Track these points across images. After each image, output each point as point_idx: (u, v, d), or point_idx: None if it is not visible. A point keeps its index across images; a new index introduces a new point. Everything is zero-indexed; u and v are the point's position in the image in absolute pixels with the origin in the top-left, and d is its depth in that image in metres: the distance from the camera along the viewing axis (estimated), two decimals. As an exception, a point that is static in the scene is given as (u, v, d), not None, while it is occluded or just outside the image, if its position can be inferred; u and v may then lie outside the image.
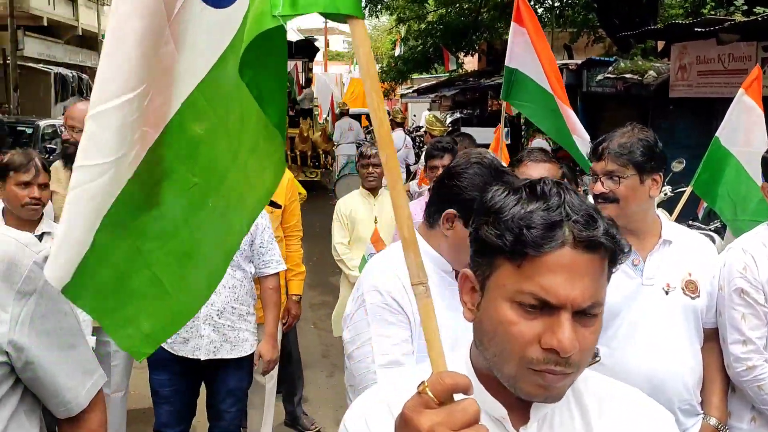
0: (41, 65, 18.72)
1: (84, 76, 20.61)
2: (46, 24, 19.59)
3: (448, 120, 12.44)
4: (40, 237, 2.75)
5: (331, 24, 33.81)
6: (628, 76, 9.44)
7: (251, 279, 3.04)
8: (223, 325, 2.89)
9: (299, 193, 3.84)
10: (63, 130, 3.19)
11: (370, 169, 3.93)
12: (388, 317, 1.69)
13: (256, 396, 3.50)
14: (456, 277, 1.81)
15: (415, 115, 22.94)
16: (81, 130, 3.11)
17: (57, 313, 1.28)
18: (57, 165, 3.27)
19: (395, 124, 9.28)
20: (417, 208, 3.55)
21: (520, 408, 0.98)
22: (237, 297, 2.93)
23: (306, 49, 15.94)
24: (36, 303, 1.23)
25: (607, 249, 0.91)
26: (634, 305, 1.99)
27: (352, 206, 3.96)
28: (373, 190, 3.99)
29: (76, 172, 1.01)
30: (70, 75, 18.74)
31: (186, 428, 3.12)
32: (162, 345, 2.89)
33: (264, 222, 3.04)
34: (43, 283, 1.21)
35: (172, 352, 2.91)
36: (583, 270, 0.89)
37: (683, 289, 1.99)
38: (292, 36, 29.78)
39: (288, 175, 3.57)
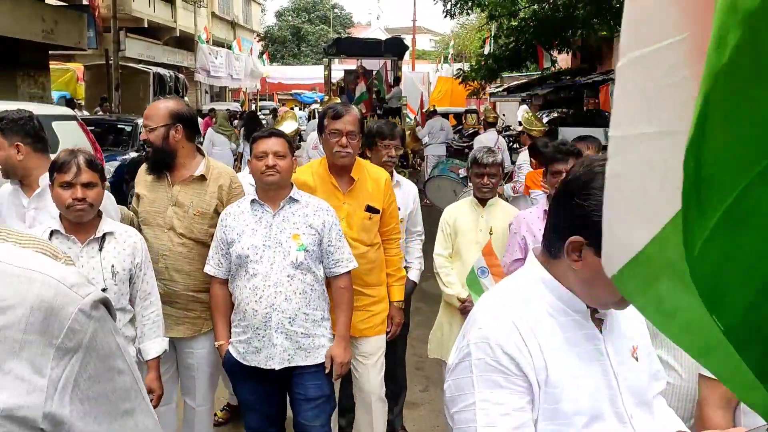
0: (141, 65, 19.51)
1: (180, 75, 21.36)
2: (146, 26, 20.42)
3: (544, 119, 11.90)
4: (102, 238, 2.62)
5: (418, 23, 33.61)
6: None
7: (322, 282, 2.86)
8: (296, 333, 2.73)
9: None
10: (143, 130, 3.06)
11: (485, 179, 3.49)
12: (499, 379, 1.33)
13: (362, 413, 3.29)
14: (592, 317, 1.42)
15: (504, 115, 22.36)
16: (153, 129, 2.88)
17: (109, 372, 0.97)
18: (143, 166, 3.17)
19: (487, 124, 8.84)
20: (534, 218, 3.21)
21: None
22: (309, 302, 2.76)
23: (396, 47, 15.73)
24: (81, 362, 0.93)
25: None
26: None
27: (458, 215, 3.63)
28: (483, 200, 3.62)
29: (612, 143, 0.79)
30: (168, 75, 19.42)
31: (280, 430, 3.03)
32: (234, 356, 2.80)
33: (331, 219, 2.84)
34: (90, 336, 0.93)
35: (244, 363, 2.78)
36: None
37: None
38: (380, 35, 29.79)
39: (385, 175, 3.34)
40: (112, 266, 2.61)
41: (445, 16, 17.24)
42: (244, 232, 2.79)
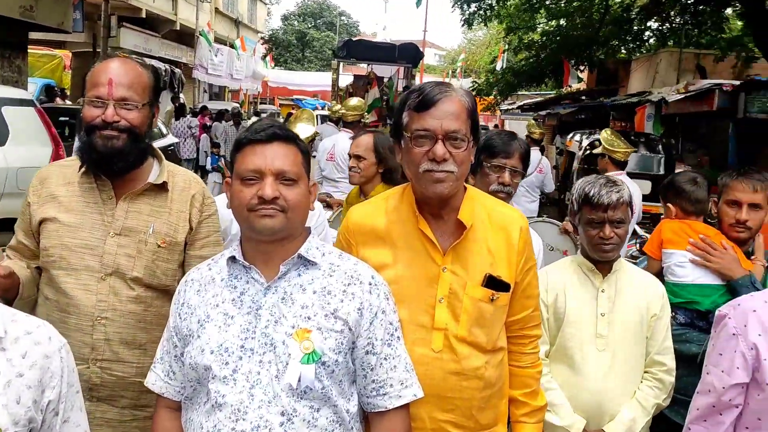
0: (135, 57, 18.34)
1: (177, 70, 20.21)
2: (144, 16, 19.33)
3: (584, 141, 10.72)
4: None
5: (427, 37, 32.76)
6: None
7: (354, 421, 1.58)
8: None
9: None
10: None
11: (607, 230, 2.20)
12: None
13: None
14: None
15: (514, 134, 21.40)
16: (140, 106, 1.93)
17: None
18: (53, 168, 2.02)
19: (531, 141, 7.46)
20: None
21: None
22: None
23: (410, 53, 14.73)
24: None
25: None
26: None
27: (560, 288, 2.29)
28: (602, 264, 2.27)
29: None
30: (162, 68, 18.22)
31: None
32: None
33: (377, 301, 1.59)
34: None
35: None
36: None
37: None
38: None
39: (520, 221, 1.86)
40: None
41: (463, 25, 16.48)
42: (209, 320, 1.54)
